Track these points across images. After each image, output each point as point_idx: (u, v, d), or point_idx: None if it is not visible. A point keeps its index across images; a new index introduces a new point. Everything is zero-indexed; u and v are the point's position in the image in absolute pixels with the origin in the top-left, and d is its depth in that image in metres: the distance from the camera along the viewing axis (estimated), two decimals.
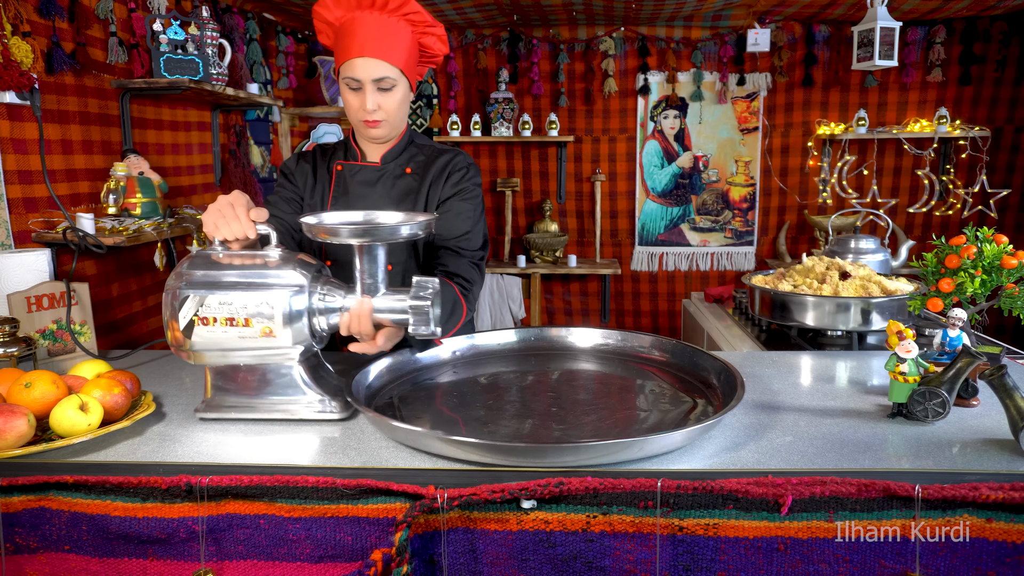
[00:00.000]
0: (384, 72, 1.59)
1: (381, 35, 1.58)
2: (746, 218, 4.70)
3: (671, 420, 1.29)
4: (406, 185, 1.73)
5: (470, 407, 1.39)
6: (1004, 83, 4.29)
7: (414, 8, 1.61)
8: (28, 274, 1.79)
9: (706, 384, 1.46)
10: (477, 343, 1.70)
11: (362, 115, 1.63)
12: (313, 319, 1.31)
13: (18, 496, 1.13)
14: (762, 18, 4.24)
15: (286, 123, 4.31)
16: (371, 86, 1.60)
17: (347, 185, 1.74)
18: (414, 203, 1.71)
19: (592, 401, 1.41)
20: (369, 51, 1.57)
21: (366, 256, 1.31)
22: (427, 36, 1.67)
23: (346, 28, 1.60)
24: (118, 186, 2.40)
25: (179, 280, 1.29)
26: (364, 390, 1.40)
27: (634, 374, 1.57)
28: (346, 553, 1.08)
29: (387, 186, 1.73)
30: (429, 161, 1.75)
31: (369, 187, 1.72)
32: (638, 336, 1.69)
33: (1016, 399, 1.18)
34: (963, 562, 1.00)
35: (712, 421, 1.14)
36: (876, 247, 2.57)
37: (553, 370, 1.61)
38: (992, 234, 1.58)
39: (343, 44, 1.60)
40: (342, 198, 1.73)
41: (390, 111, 1.64)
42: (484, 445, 1.09)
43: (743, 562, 1.02)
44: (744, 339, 2.51)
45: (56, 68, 2.29)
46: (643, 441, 1.08)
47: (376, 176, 1.73)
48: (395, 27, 1.60)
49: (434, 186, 1.72)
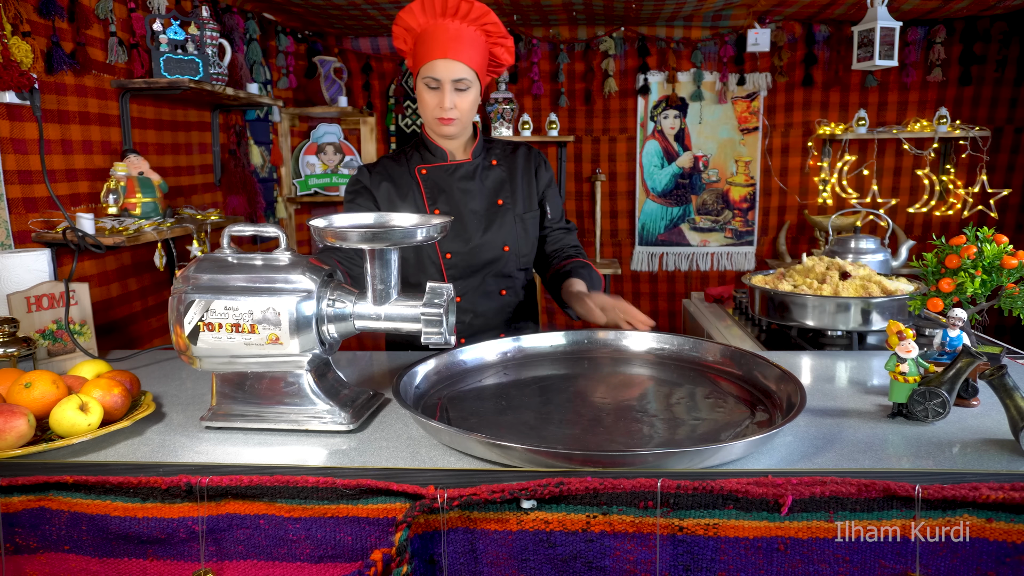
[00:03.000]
0: (462, 73, 1.74)
1: (461, 40, 1.74)
2: (746, 218, 4.70)
3: (728, 428, 1.27)
4: (497, 176, 1.92)
5: (519, 410, 1.37)
6: (1004, 83, 4.29)
7: (492, 19, 1.77)
8: (28, 274, 1.79)
9: (765, 392, 1.42)
10: (524, 345, 1.68)
11: (438, 113, 1.77)
12: (322, 326, 1.27)
13: (18, 496, 1.13)
14: (762, 18, 4.24)
15: (286, 123, 4.31)
16: (449, 86, 1.75)
17: (441, 185, 1.88)
18: (511, 192, 1.92)
19: (643, 407, 1.38)
20: (451, 53, 1.72)
21: (378, 261, 1.26)
22: (498, 46, 1.83)
23: (428, 33, 1.75)
24: (118, 186, 2.40)
25: (185, 284, 1.27)
26: (412, 391, 1.38)
27: (689, 380, 1.53)
28: (346, 553, 1.07)
29: (482, 179, 1.90)
30: (505, 154, 1.96)
31: (469, 181, 1.89)
32: (695, 341, 1.65)
33: (1016, 399, 1.17)
34: (963, 562, 1.00)
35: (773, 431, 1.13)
36: (876, 247, 2.57)
37: (606, 373, 1.58)
38: (992, 234, 1.58)
39: (424, 47, 1.75)
40: (440, 197, 1.87)
41: (463, 111, 1.78)
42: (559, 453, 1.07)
43: (743, 562, 1.02)
44: (744, 339, 2.51)
45: (56, 68, 2.29)
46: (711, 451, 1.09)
47: (472, 170, 1.90)
48: (473, 35, 1.76)
49: (525, 177, 1.94)
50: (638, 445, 1.21)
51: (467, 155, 1.91)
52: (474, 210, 1.87)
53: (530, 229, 1.94)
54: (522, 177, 1.93)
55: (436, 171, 1.88)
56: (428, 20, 1.75)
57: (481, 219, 1.87)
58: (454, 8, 1.73)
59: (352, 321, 1.29)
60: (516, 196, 1.92)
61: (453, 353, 1.56)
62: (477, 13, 1.74)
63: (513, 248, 1.90)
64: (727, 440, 1.19)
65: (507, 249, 1.89)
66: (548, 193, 1.98)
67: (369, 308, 1.29)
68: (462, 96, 1.77)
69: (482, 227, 1.87)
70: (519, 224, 1.91)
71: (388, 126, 4.64)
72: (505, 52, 1.84)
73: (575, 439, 1.25)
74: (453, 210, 1.86)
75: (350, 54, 4.55)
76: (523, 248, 1.93)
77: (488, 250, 1.87)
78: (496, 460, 1.13)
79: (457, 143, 1.90)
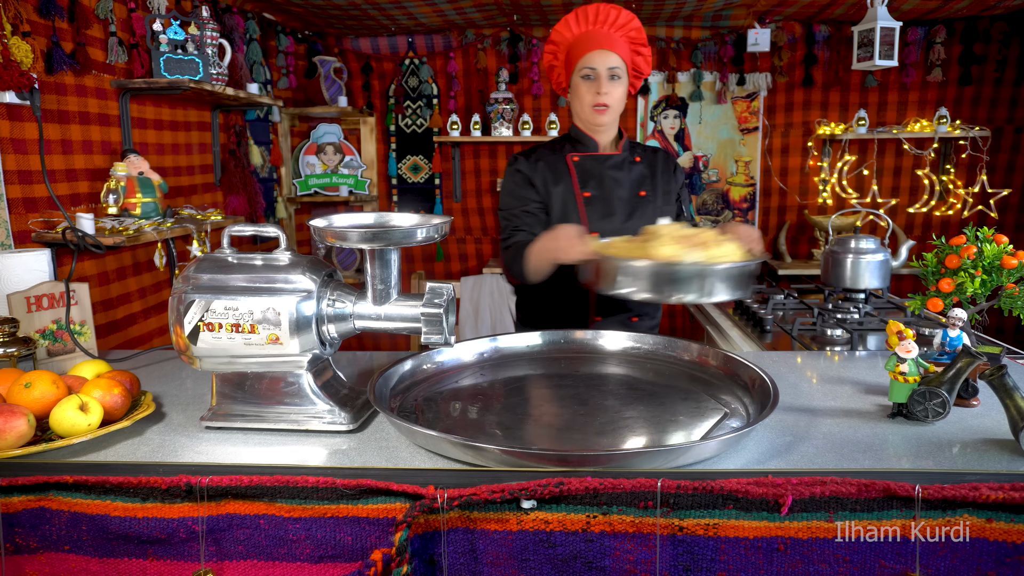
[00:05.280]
0: (616, 63, 1.93)
1: (612, 39, 1.96)
2: (746, 218, 4.70)
3: (702, 426, 1.28)
4: (640, 171, 2.06)
5: (493, 411, 1.38)
6: (1004, 83, 4.29)
7: (636, 26, 1.98)
8: (28, 274, 1.79)
9: (738, 389, 1.44)
10: (501, 345, 1.70)
11: (595, 99, 1.94)
12: (322, 326, 1.27)
13: (18, 496, 1.13)
14: (762, 18, 4.24)
15: (286, 123, 4.31)
16: (605, 74, 1.93)
17: (592, 172, 2.02)
18: (651, 187, 2.04)
19: (619, 407, 1.40)
20: (606, 45, 1.93)
21: (378, 261, 1.27)
22: (639, 56, 2.02)
23: (582, 38, 1.97)
24: (118, 186, 2.40)
25: (185, 284, 1.27)
26: (388, 392, 1.38)
27: (664, 379, 1.55)
28: (346, 553, 1.07)
29: (628, 171, 2.04)
30: (647, 154, 2.10)
31: (617, 171, 2.03)
32: (670, 340, 1.67)
33: (1016, 399, 1.17)
34: (963, 562, 1.00)
35: (745, 431, 1.14)
36: (876, 247, 2.57)
37: (580, 372, 1.59)
38: (992, 234, 1.58)
39: (579, 48, 1.96)
40: (590, 182, 2.01)
41: (615, 100, 1.96)
42: (518, 452, 1.09)
43: (743, 562, 1.02)
44: (744, 339, 2.51)
45: (56, 68, 2.29)
46: (680, 450, 1.10)
47: (620, 161, 2.04)
48: (621, 39, 1.98)
49: (664, 175, 2.07)
50: (611, 444, 1.22)
51: (616, 148, 2.07)
52: (621, 196, 2.01)
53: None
54: (662, 175, 2.07)
55: (587, 159, 2.03)
56: (582, 28, 1.98)
57: (626, 204, 2.01)
58: (605, 16, 1.96)
59: (352, 321, 1.29)
60: (656, 190, 2.05)
61: (430, 354, 1.57)
62: (624, 20, 1.97)
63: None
64: (698, 439, 1.20)
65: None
66: (683, 193, 2.14)
67: (369, 308, 1.29)
68: (615, 85, 1.94)
69: (627, 212, 2.01)
70: (659, 214, 2.02)
71: (388, 126, 4.64)
72: (643, 62, 2.03)
73: (551, 439, 1.26)
74: (602, 194, 2.00)
75: (350, 54, 4.55)
76: None
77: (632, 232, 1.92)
78: (469, 461, 1.13)
79: (607, 137, 2.05)
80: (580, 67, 1.95)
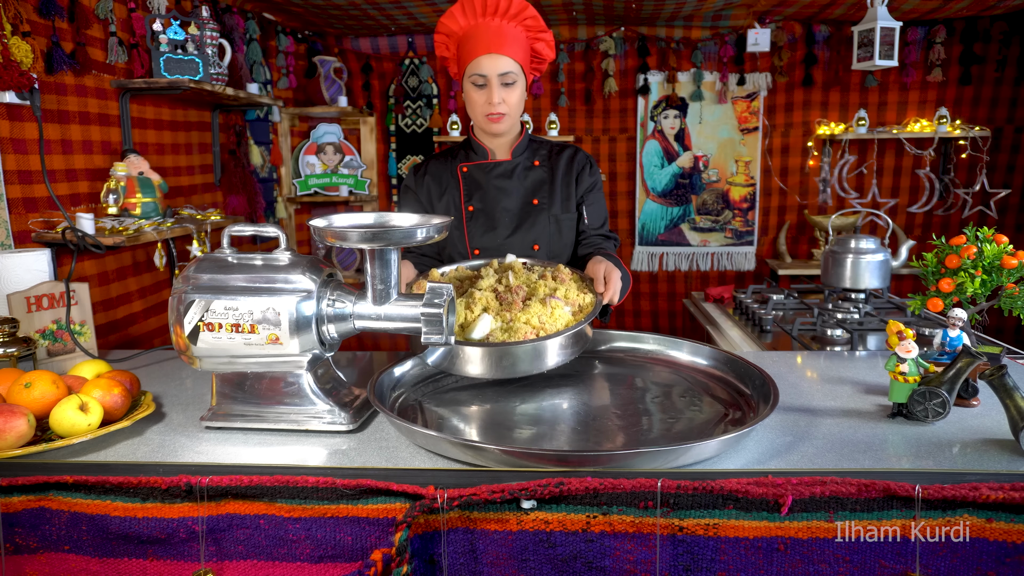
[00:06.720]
0: (508, 67, 1.77)
1: (503, 36, 1.77)
2: (746, 218, 4.70)
3: (702, 426, 1.28)
4: (537, 176, 1.93)
5: (492, 411, 1.38)
6: (1004, 83, 4.29)
7: (531, 14, 1.80)
8: (28, 274, 1.79)
9: (738, 389, 1.45)
10: None
11: (487, 109, 1.80)
12: (322, 326, 1.27)
13: (18, 496, 1.13)
14: (762, 18, 4.24)
15: (286, 123, 4.31)
16: (496, 81, 1.77)
17: (479, 182, 1.91)
18: (549, 193, 1.91)
19: (619, 407, 1.39)
20: (494, 48, 1.76)
21: (377, 261, 1.26)
22: (539, 41, 1.85)
23: (470, 34, 1.80)
24: (118, 186, 2.40)
25: (185, 284, 1.27)
26: (388, 392, 1.38)
27: (664, 379, 1.55)
28: (346, 553, 1.07)
29: (521, 178, 1.92)
30: (551, 154, 1.96)
31: (506, 179, 1.91)
32: (669, 340, 1.67)
33: (1016, 399, 1.17)
34: (963, 562, 1.00)
35: (745, 430, 1.14)
36: (876, 247, 2.57)
37: (580, 372, 1.59)
38: (992, 234, 1.58)
39: (468, 48, 1.79)
40: (476, 194, 1.90)
41: (511, 105, 1.81)
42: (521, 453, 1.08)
43: (743, 562, 1.02)
44: (745, 339, 2.51)
45: (56, 68, 2.29)
46: (680, 450, 1.09)
47: (510, 169, 1.92)
48: (514, 31, 1.80)
49: (566, 178, 1.93)
50: (612, 444, 1.22)
51: (507, 154, 1.93)
52: (507, 208, 1.90)
53: (565, 231, 1.92)
54: (562, 179, 1.93)
55: (476, 169, 1.92)
56: (469, 21, 1.80)
57: (513, 217, 1.90)
58: (494, 6, 1.77)
59: (352, 321, 1.29)
60: (554, 197, 1.91)
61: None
62: (516, 9, 1.78)
63: (544, 247, 1.90)
64: (695, 439, 1.20)
65: (536, 248, 1.89)
66: (588, 198, 1.95)
67: (369, 308, 1.29)
68: (509, 91, 1.80)
69: (512, 224, 1.89)
70: (553, 224, 1.90)
71: (388, 126, 4.65)
72: (546, 47, 1.86)
73: (551, 439, 1.26)
74: (486, 206, 1.89)
75: (350, 54, 4.55)
76: (555, 248, 1.92)
77: (516, 247, 1.88)
78: (469, 461, 1.13)
79: (502, 142, 1.92)
80: (470, 73, 1.79)
